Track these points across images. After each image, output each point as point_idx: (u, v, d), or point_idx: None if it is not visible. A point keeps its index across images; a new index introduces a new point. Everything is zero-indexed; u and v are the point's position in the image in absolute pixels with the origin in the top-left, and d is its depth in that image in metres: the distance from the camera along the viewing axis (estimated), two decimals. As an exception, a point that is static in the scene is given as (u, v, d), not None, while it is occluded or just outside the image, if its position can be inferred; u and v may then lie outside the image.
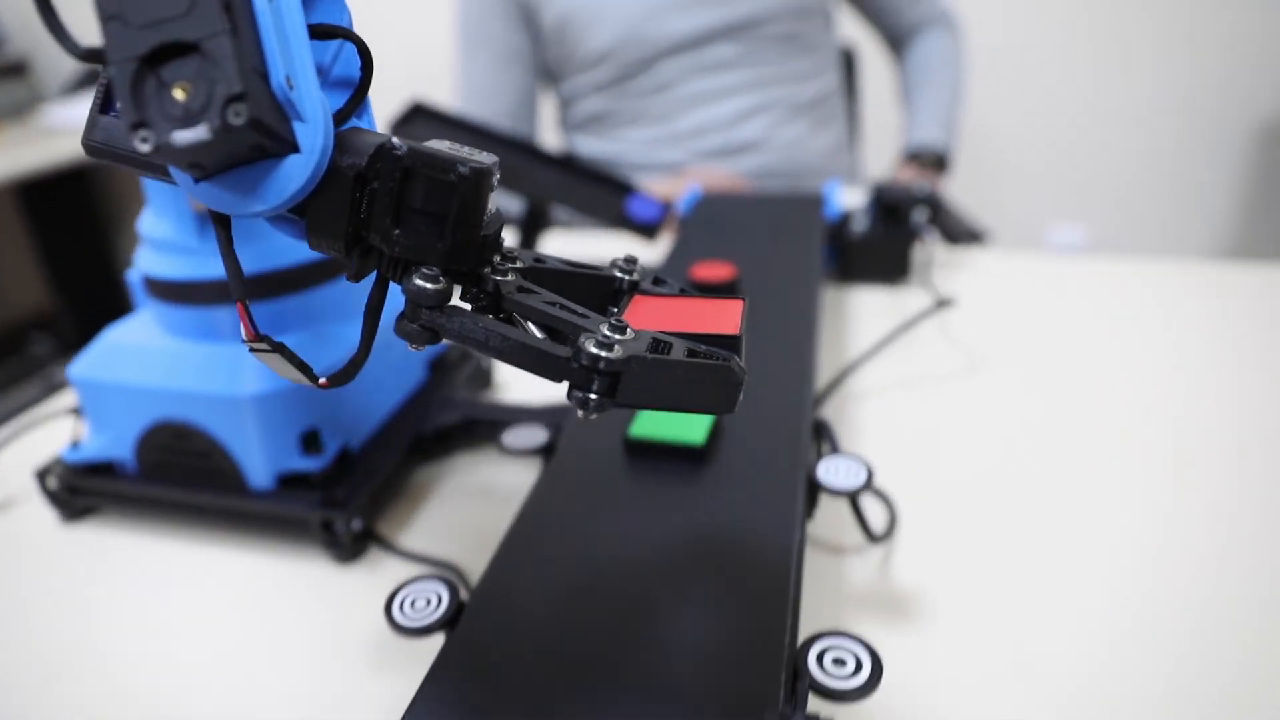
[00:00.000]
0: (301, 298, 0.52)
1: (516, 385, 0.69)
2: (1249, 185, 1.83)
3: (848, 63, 1.40)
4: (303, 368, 0.33)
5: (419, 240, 0.29)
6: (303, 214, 0.30)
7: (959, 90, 1.25)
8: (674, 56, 1.11)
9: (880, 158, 1.41)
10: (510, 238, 0.70)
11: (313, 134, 0.28)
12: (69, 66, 2.40)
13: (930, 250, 0.86)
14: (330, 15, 0.32)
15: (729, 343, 0.30)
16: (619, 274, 0.35)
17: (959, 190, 1.91)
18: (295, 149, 0.28)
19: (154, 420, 0.52)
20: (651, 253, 0.88)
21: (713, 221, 0.83)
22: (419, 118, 0.82)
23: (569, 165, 0.82)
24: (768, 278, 0.69)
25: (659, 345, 0.29)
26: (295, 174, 0.28)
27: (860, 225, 0.85)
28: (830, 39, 1.20)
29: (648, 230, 0.79)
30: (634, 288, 0.35)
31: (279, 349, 0.32)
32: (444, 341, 0.30)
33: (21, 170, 1.98)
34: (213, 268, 0.50)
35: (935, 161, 1.18)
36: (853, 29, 1.33)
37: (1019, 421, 0.60)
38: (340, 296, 0.54)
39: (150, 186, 0.50)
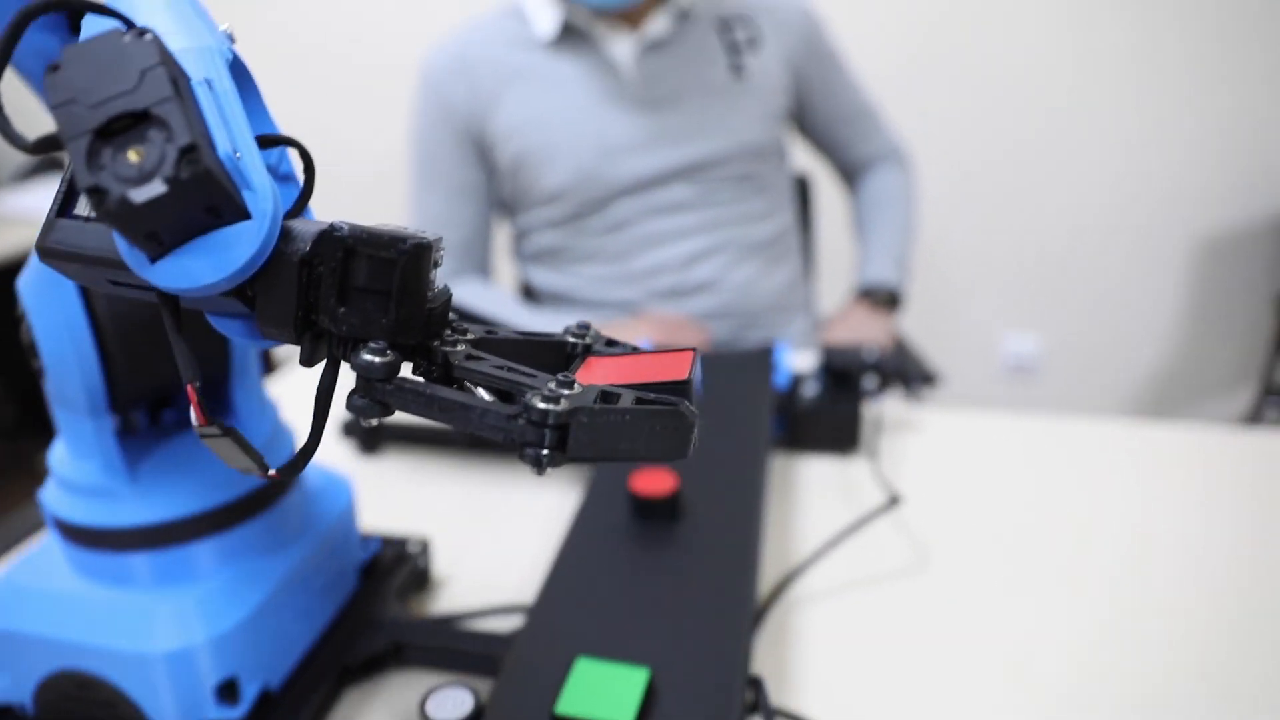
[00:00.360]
0: (225, 536, 0.50)
1: (455, 583, 0.67)
2: (1190, 294, 1.88)
3: (802, 191, 1.42)
4: (253, 456, 0.33)
5: (365, 317, 0.30)
6: (251, 305, 0.31)
7: (911, 226, 1.27)
8: (629, 197, 1.11)
9: (835, 288, 1.43)
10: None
11: (262, 201, 0.29)
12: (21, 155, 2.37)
13: (880, 413, 0.86)
14: (258, 124, 0.34)
15: (678, 388, 0.31)
16: (571, 339, 0.36)
17: (913, 299, 1.95)
18: (246, 215, 0.29)
19: (56, 669, 0.49)
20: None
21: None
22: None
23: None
24: (714, 457, 0.68)
25: (607, 396, 0.30)
26: (247, 240, 0.29)
27: (810, 391, 0.85)
28: (784, 176, 1.22)
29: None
30: (587, 350, 0.36)
31: (229, 433, 0.33)
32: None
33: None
34: (131, 513, 0.48)
35: (888, 299, 1.19)
36: (807, 158, 1.35)
37: (972, 627, 0.59)
38: (264, 531, 0.52)
39: (64, 420, 0.48)
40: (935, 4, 1.77)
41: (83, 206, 0.32)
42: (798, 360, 0.87)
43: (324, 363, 0.32)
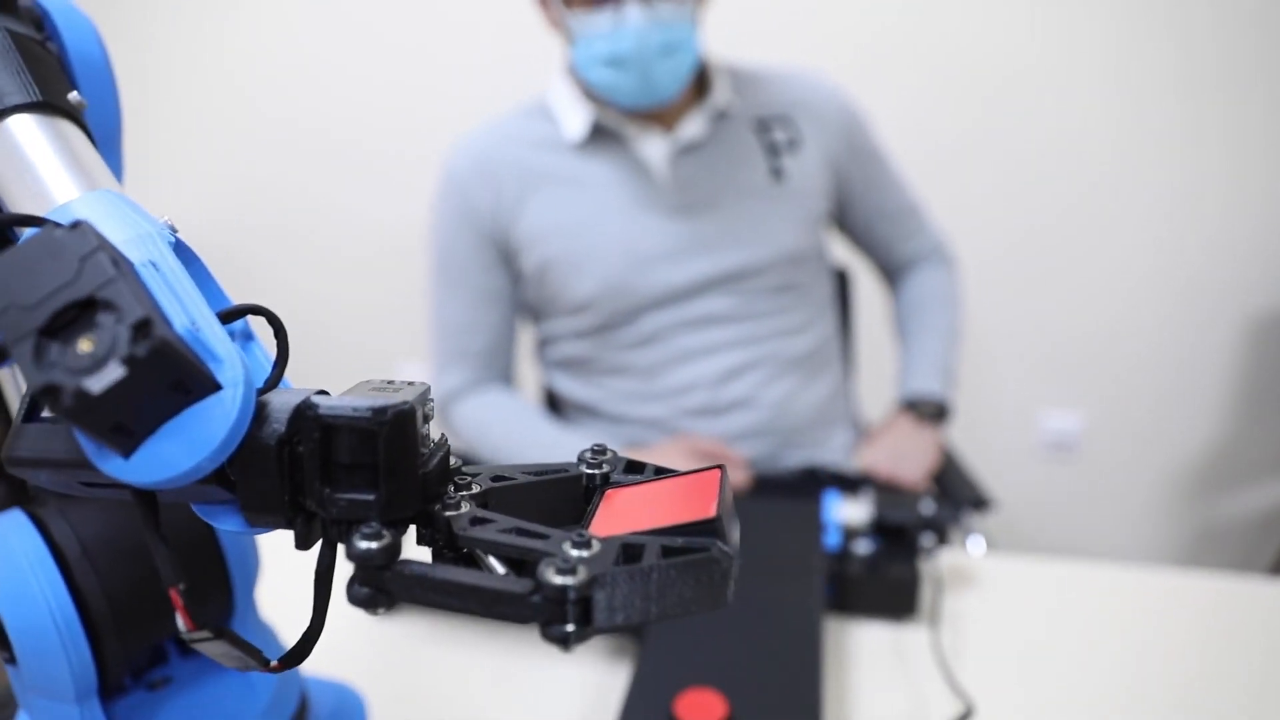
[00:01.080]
0: None
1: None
2: (1242, 373, 1.81)
3: (841, 285, 1.36)
4: (250, 651, 0.32)
5: (353, 497, 0.28)
6: (233, 491, 0.29)
7: (955, 330, 1.20)
8: (661, 309, 1.06)
9: (878, 390, 1.35)
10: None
11: (230, 369, 0.28)
12: None
13: (940, 574, 0.79)
14: (214, 302, 0.33)
15: (708, 527, 0.28)
16: (587, 470, 0.33)
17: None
18: (215, 385, 0.27)
19: None
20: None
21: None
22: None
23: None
24: (766, 660, 0.62)
25: (629, 551, 0.27)
26: (221, 413, 0.27)
27: (862, 549, 0.78)
28: (824, 281, 1.15)
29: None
30: (605, 482, 0.33)
31: (222, 634, 0.31)
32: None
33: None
34: None
35: (933, 412, 1.13)
36: (845, 251, 1.29)
37: None
38: None
39: (41, 709, 0.42)
40: (969, 79, 1.71)
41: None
42: (847, 511, 0.80)
43: (320, 543, 0.30)
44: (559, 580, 0.25)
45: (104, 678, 0.42)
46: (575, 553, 0.26)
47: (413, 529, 0.31)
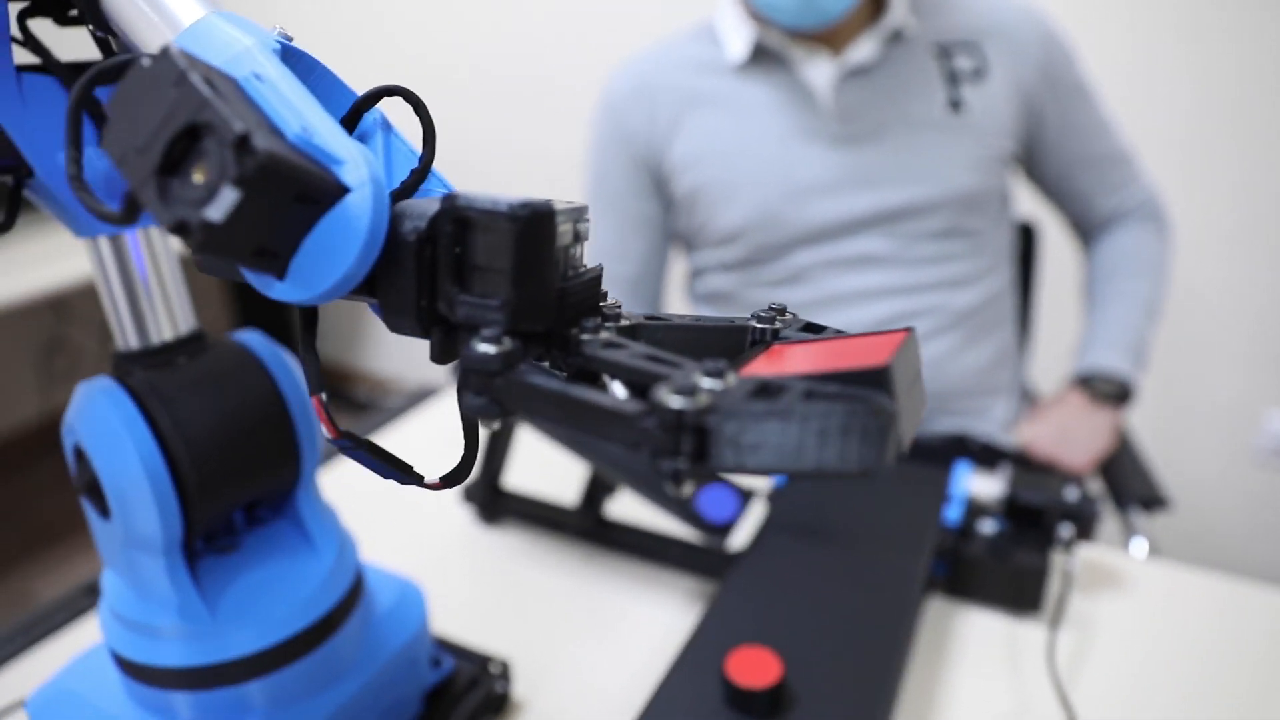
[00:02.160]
0: (277, 676, 0.46)
1: (534, 711, 0.61)
2: None
3: (1025, 241, 1.22)
4: (397, 463, 0.32)
5: (481, 301, 0.27)
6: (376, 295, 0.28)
7: (1154, 304, 1.05)
8: (812, 245, 0.99)
9: (1055, 364, 1.21)
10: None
11: (354, 169, 0.27)
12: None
13: (1072, 570, 0.70)
14: (338, 102, 0.33)
15: (874, 378, 0.24)
16: (758, 324, 0.30)
17: (1157, 355, 1.65)
18: (342, 189, 0.26)
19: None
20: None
21: (808, 496, 0.72)
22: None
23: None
24: (840, 626, 0.57)
25: (767, 389, 0.23)
26: (358, 214, 0.26)
27: (988, 529, 0.70)
28: (1003, 230, 1.04)
29: (719, 531, 0.68)
30: (774, 337, 0.30)
31: (362, 444, 0.31)
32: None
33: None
34: (182, 654, 0.44)
35: (1114, 392, 0.99)
36: (1032, 202, 1.15)
37: None
38: (320, 666, 0.48)
39: (129, 560, 0.45)
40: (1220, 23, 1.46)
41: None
42: (979, 485, 0.72)
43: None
44: (674, 403, 0.22)
45: (188, 534, 0.44)
46: (704, 381, 0.23)
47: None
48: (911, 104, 0.96)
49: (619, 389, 0.27)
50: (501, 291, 0.27)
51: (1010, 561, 0.68)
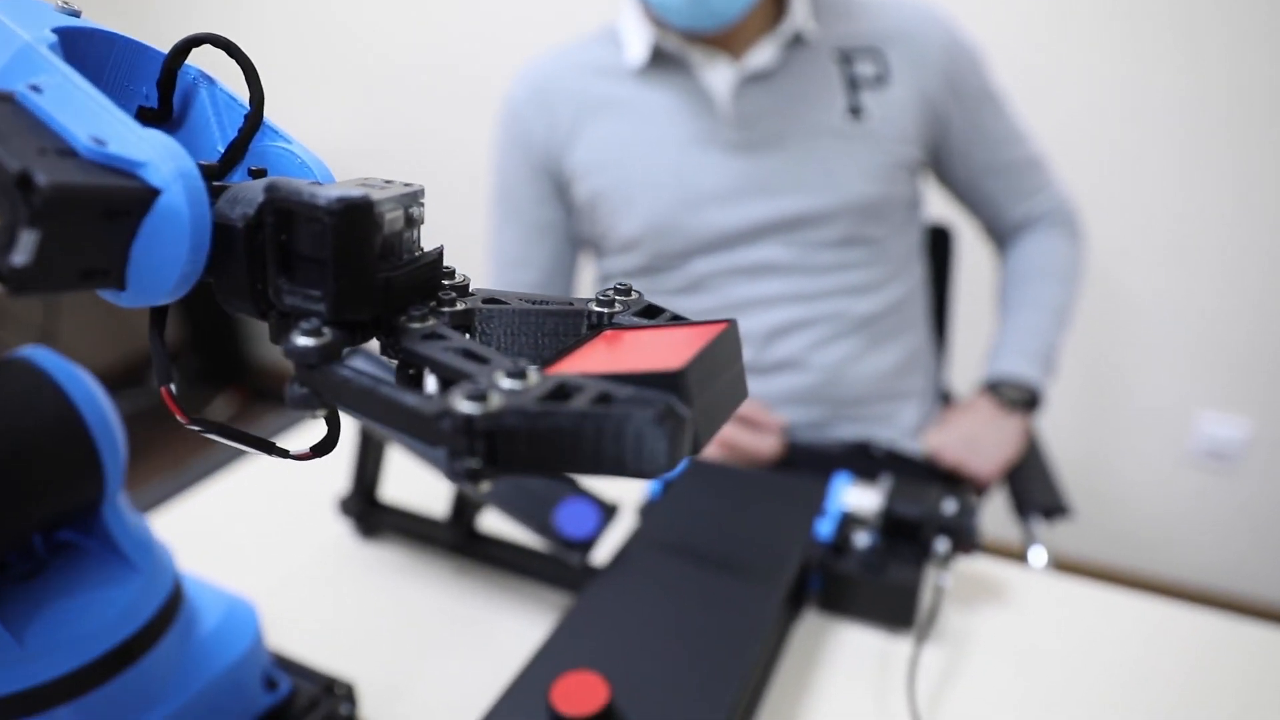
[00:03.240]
0: (83, 702, 0.43)
1: (370, 747, 0.58)
2: None
3: (940, 246, 1.21)
4: (257, 442, 0.32)
5: (304, 291, 0.27)
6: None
7: (1066, 309, 1.04)
8: (710, 254, 0.97)
9: (974, 367, 1.20)
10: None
11: (159, 166, 0.26)
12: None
13: (945, 586, 0.68)
14: (143, 74, 0.32)
15: (668, 382, 0.24)
16: (595, 307, 0.30)
17: (1084, 360, 1.65)
18: (152, 192, 0.26)
19: None
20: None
21: (681, 509, 0.70)
22: (352, 356, 0.72)
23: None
24: (690, 644, 0.55)
25: (563, 391, 0.24)
26: (176, 213, 0.26)
27: (862, 543, 0.68)
28: (907, 238, 1.02)
29: (578, 547, 0.66)
30: (610, 322, 0.30)
31: (217, 428, 0.31)
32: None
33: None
34: (3, 681, 0.41)
35: (1022, 399, 0.98)
36: (946, 206, 1.14)
37: None
38: (131, 689, 0.45)
39: None
40: (1139, 24, 1.46)
41: None
42: (854, 497, 0.71)
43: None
44: (465, 407, 0.23)
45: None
46: (503, 382, 0.24)
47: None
48: (811, 110, 0.95)
49: (432, 383, 0.27)
50: (323, 283, 0.27)
51: (883, 577, 0.66)
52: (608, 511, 0.67)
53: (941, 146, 1.01)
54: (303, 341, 0.26)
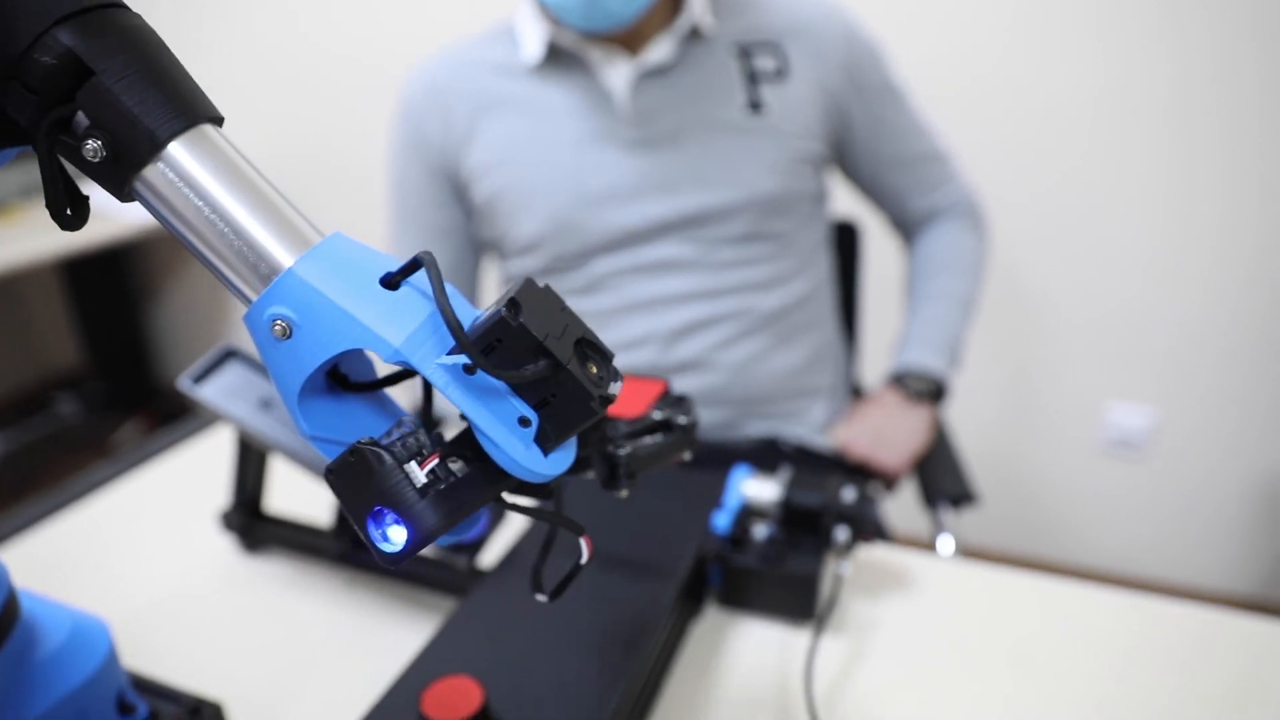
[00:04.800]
0: None
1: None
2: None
3: (847, 241, 1.21)
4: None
5: None
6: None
7: (971, 300, 1.05)
8: (611, 253, 0.95)
9: (885, 362, 1.21)
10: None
11: None
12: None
13: (845, 575, 0.67)
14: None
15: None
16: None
17: (997, 352, 1.68)
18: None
19: None
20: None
21: (575, 510, 0.67)
22: (231, 361, 0.69)
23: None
24: (589, 624, 0.53)
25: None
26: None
27: (761, 535, 0.67)
28: (811, 233, 1.02)
29: (466, 549, 0.63)
30: None
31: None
32: None
33: (60, 250, 2.02)
34: None
35: (928, 391, 0.98)
36: (853, 202, 1.15)
37: None
38: None
39: None
40: (1040, 19, 1.50)
41: None
42: (752, 489, 0.69)
43: None
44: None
45: None
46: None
47: None
48: (710, 105, 0.94)
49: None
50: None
51: (782, 568, 0.65)
52: (496, 512, 0.64)
53: (845, 141, 1.01)
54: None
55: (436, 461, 0.34)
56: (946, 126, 1.11)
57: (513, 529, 0.72)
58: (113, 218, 2.08)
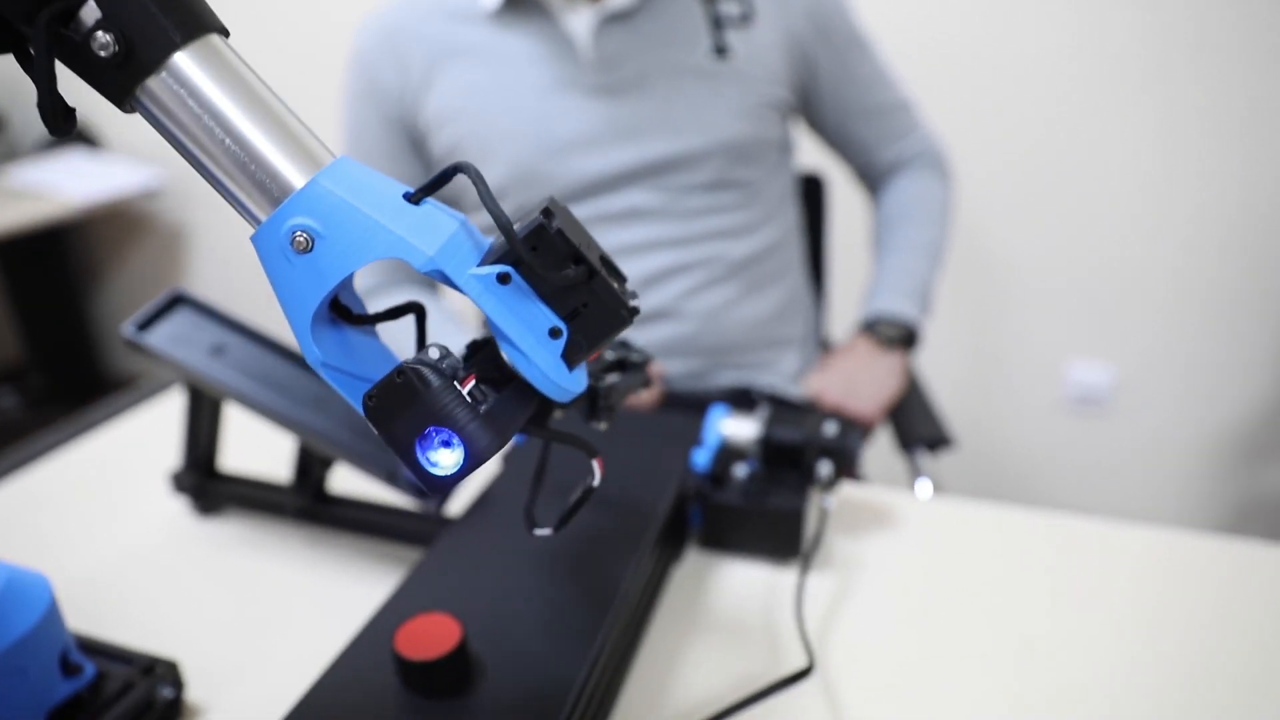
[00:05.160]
0: None
1: (215, 709, 0.51)
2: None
3: (813, 193, 1.20)
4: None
5: None
6: None
7: (939, 248, 1.04)
8: (577, 202, 0.93)
9: (851, 315, 1.20)
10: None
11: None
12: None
13: (829, 511, 0.65)
14: None
15: None
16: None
17: (965, 313, 1.69)
18: None
19: None
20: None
21: (553, 455, 0.65)
22: (180, 307, 0.65)
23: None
24: (572, 562, 0.51)
25: None
26: None
27: (741, 473, 0.65)
28: (779, 181, 1.00)
29: (438, 491, 0.60)
30: None
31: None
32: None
33: None
34: None
35: (900, 337, 0.97)
36: (819, 154, 1.13)
37: None
38: None
39: None
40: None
41: None
42: (734, 427, 0.67)
43: None
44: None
45: None
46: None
47: None
48: (675, 50, 0.92)
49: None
50: None
51: (765, 504, 0.63)
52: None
53: (811, 90, 1.00)
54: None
55: (474, 383, 0.33)
56: (911, 85, 1.10)
57: (480, 474, 0.69)
58: (47, 196, 1.99)
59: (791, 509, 0.62)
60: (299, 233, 0.32)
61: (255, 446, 0.76)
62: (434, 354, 0.34)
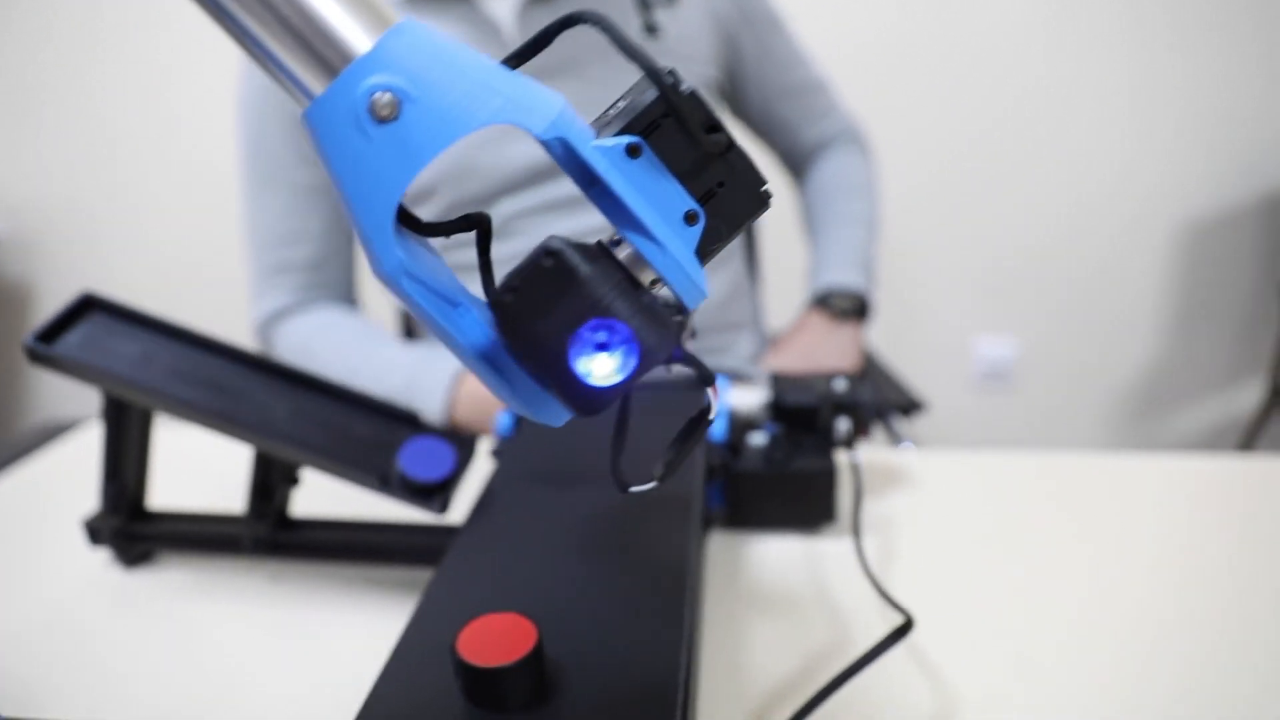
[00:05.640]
0: None
1: None
2: (1176, 289, 1.69)
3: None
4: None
5: None
6: None
7: (874, 220, 1.04)
8: (516, 193, 0.86)
9: (783, 302, 1.18)
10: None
11: None
12: None
13: (860, 469, 0.61)
14: None
15: None
16: None
17: (881, 297, 1.72)
18: None
19: None
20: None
21: (543, 442, 0.58)
22: (92, 313, 0.54)
23: (316, 388, 0.55)
24: (621, 547, 0.44)
25: None
26: None
27: (759, 442, 0.60)
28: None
29: (434, 491, 0.52)
30: None
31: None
32: None
33: None
34: None
35: (853, 308, 0.96)
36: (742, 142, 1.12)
37: None
38: None
39: None
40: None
41: None
42: (739, 397, 0.63)
43: None
44: None
45: None
46: None
47: None
48: (603, 29, 0.88)
49: None
50: None
51: (793, 469, 0.58)
52: (465, 448, 0.54)
53: (736, 71, 0.98)
54: None
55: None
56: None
57: (476, 476, 0.61)
58: None
59: (823, 469, 0.58)
60: (382, 93, 0.25)
61: (186, 482, 0.65)
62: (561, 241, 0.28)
